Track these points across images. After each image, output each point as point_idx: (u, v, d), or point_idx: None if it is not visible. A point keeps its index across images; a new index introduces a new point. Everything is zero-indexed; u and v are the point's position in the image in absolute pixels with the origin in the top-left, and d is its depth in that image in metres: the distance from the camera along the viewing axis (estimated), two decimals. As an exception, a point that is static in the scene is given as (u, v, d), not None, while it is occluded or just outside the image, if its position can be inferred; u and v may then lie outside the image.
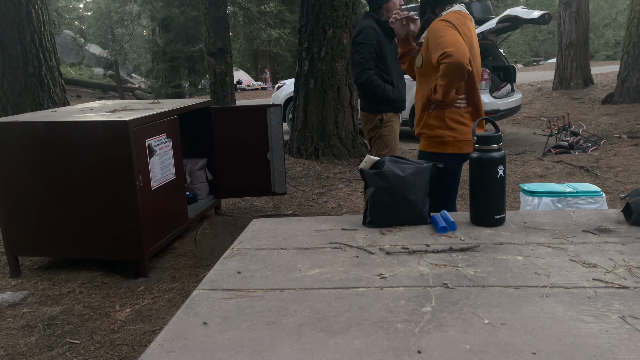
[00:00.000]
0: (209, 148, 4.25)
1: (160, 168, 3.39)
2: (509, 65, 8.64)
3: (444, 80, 2.31)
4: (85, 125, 3.12)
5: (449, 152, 2.49)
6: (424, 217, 1.83)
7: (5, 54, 6.23)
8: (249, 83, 24.08)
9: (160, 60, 18.80)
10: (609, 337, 1.08)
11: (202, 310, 1.28)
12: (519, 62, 30.43)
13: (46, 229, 3.28)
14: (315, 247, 1.66)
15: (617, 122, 8.64)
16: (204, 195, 4.31)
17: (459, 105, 2.46)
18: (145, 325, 2.72)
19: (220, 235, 4.03)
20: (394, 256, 1.56)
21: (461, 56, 2.23)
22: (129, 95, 21.03)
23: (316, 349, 1.08)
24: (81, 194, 3.19)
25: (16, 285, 3.27)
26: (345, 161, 6.34)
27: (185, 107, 3.80)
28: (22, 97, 6.35)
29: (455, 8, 2.45)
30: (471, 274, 1.41)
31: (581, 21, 12.45)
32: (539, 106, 11.37)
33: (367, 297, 1.30)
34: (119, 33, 24.11)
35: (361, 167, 1.87)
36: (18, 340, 2.61)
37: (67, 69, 21.20)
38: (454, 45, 2.24)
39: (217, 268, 1.54)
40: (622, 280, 1.33)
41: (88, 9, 28.54)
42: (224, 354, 1.08)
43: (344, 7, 6.06)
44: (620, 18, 26.64)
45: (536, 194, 2.82)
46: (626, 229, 1.71)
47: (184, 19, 17.18)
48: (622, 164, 5.91)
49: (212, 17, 7.88)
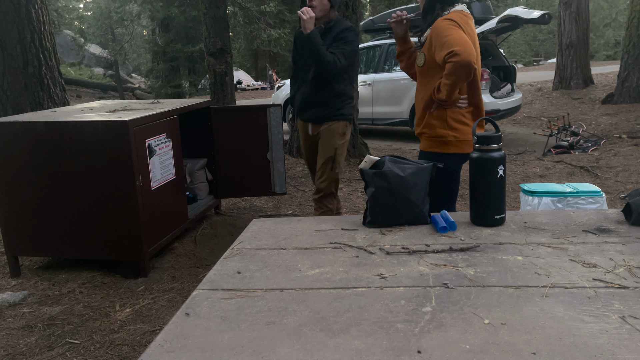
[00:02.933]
0: (209, 148, 4.25)
1: (160, 168, 3.39)
2: (509, 65, 8.64)
3: (449, 79, 2.29)
4: (85, 125, 3.12)
5: (451, 152, 2.48)
6: (424, 217, 1.83)
7: (5, 54, 6.23)
8: (249, 83, 24.06)
9: (160, 60, 18.80)
10: (609, 337, 1.07)
11: (202, 310, 1.28)
12: (519, 62, 30.44)
13: (46, 229, 3.28)
14: (315, 247, 1.66)
15: (617, 122, 8.64)
16: (204, 195, 4.31)
17: (460, 105, 2.45)
18: (145, 325, 2.72)
19: (220, 235, 4.03)
20: (394, 256, 1.56)
21: (468, 55, 2.21)
22: (129, 95, 21.04)
23: (316, 349, 1.08)
24: (81, 194, 3.19)
25: (16, 285, 3.27)
26: (345, 161, 6.33)
27: (185, 107, 3.80)
28: (22, 97, 6.34)
29: (458, 8, 2.45)
30: (471, 274, 1.41)
31: (581, 21, 12.45)
32: (539, 106, 11.37)
33: (367, 297, 1.30)
34: (119, 33, 24.08)
35: (361, 167, 1.87)
36: (18, 340, 2.61)
37: (67, 69, 21.21)
38: (461, 44, 2.22)
39: (217, 268, 1.54)
40: (622, 280, 1.33)
41: (88, 9, 28.55)
42: (224, 354, 1.08)
43: (343, 7, 6.06)
44: (620, 18, 26.65)
45: (536, 194, 2.82)
46: (626, 229, 1.71)
47: (184, 19, 17.18)
48: (622, 164, 5.91)
49: (212, 17, 7.88)
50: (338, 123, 3.19)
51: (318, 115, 3.20)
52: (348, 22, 3.15)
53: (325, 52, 2.99)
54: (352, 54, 3.08)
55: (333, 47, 3.03)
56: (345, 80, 3.17)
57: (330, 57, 2.99)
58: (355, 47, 3.11)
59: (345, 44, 3.04)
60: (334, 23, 3.11)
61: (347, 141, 3.27)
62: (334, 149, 3.19)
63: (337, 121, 3.19)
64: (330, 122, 3.18)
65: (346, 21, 3.16)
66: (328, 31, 3.09)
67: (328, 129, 3.19)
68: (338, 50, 3.02)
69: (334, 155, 3.20)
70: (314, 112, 3.21)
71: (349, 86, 3.22)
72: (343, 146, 3.24)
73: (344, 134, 3.22)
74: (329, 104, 3.16)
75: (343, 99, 3.18)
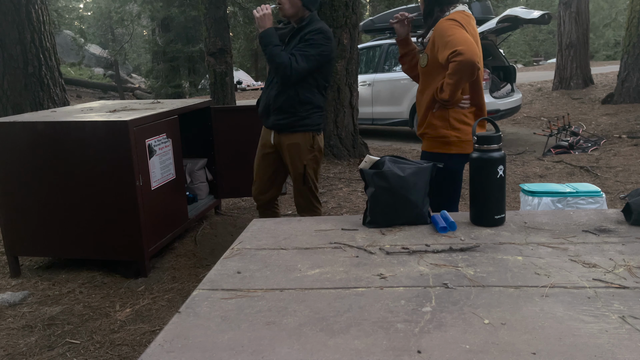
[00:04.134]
0: (209, 148, 4.25)
1: (160, 168, 3.39)
2: (509, 65, 8.64)
3: (452, 78, 2.29)
4: (85, 125, 3.12)
5: (453, 152, 2.48)
6: (424, 217, 1.83)
7: (5, 54, 6.24)
8: (249, 83, 24.05)
9: (160, 60, 18.79)
10: (609, 337, 1.07)
11: (202, 310, 1.28)
12: (519, 62, 30.42)
13: (46, 229, 3.29)
14: (315, 247, 1.66)
15: (617, 122, 8.64)
16: (204, 195, 4.31)
17: (463, 106, 2.45)
18: (145, 325, 2.72)
19: (220, 235, 4.03)
20: (394, 256, 1.56)
21: (472, 54, 2.21)
22: (129, 95, 21.03)
23: (316, 349, 1.08)
24: (81, 193, 3.19)
25: (16, 285, 3.27)
26: (345, 161, 6.33)
27: (185, 107, 3.80)
28: (22, 97, 6.35)
29: (460, 8, 2.45)
30: (471, 274, 1.41)
31: (581, 21, 12.45)
32: (539, 106, 11.37)
33: (367, 297, 1.30)
34: (119, 33, 24.08)
35: (361, 167, 1.87)
36: (18, 340, 2.61)
37: (67, 69, 21.20)
38: (464, 44, 2.22)
39: (217, 268, 1.54)
40: (622, 280, 1.33)
41: (88, 9, 28.53)
42: (224, 354, 1.08)
43: (343, 7, 6.06)
44: (620, 18, 26.64)
45: (536, 194, 2.82)
46: (626, 229, 1.71)
47: (184, 19, 17.17)
48: (622, 164, 5.91)
49: (212, 17, 7.88)
50: (303, 135, 2.92)
51: (279, 123, 2.93)
52: (320, 24, 2.86)
53: (279, 52, 2.77)
54: (317, 58, 2.79)
55: (296, 49, 2.80)
56: (311, 87, 2.88)
57: (285, 57, 2.75)
58: (324, 52, 2.82)
59: (309, 46, 2.78)
60: (306, 22, 2.86)
61: (318, 153, 3.01)
62: (302, 165, 2.96)
63: (301, 133, 2.92)
64: (292, 134, 2.93)
65: (320, 23, 2.88)
66: (299, 31, 2.87)
67: (293, 144, 2.94)
68: (299, 52, 2.77)
69: (304, 171, 2.98)
70: (274, 119, 2.94)
71: (318, 95, 2.93)
72: (313, 160, 3.00)
73: (311, 147, 2.95)
74: (292, 112, 2.89)
75: (307, 107, 2.89)
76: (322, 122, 3.03)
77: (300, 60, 2.76)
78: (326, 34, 2.84)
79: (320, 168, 3.12)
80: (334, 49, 2.90)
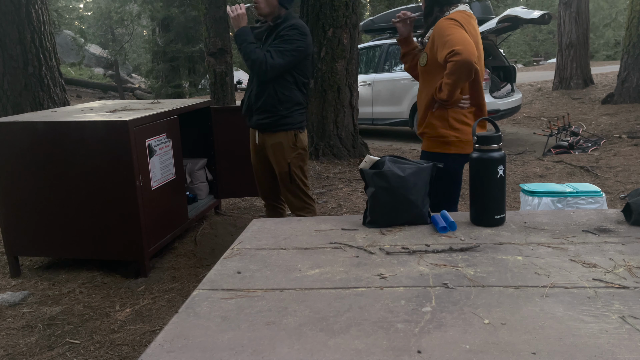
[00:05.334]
0: (209, 148, 4.25)
1: (160, 168, 3.39)
2: (509, 65, 8.65)
3: (450, 78, 2.29)
4: (85, 125, 3.12)
5: (452, 152, 2.48)
6: (424, 217, 1.83)
7: (5, 54, 6.23)
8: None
9: (160, 60, 18.78)
10: (609, 337, 1.07)
11: (202, 310, 1.28)
12: (519, 62, 30.40)
13: (46, 229, 3.29)
14: (315, 247, 1.66)
15: (617, 122, 8.64)
16: (204, 195, 4.31)
17: (462, 105, 2.45)
18: (145, 325, 2.72)
19: (220, 235, 4.03)
20: (394, 256, 1.56)
21: (470, 54, 2.21)
22: (129, 95, 21.02)
23: (316, 349, 1.08)
24: (81, 193, 3.19)
25: (16, 285, 3.27)
26: (345, 161, 6.34)
27: (185, 107, 3.80)
28: (22, 97, 6.35)
29: (461, 8, 2.45)
30: (471, 274, 1.41)
31: (581, 21, 12.45)
32: (539, 106, 11.37)
33: (367, 297, 1.30)
34: (119, 33, 24.07)
35: (361, 167, 1.87)
36: (18, 340, 2.61)
37: (67, 69, 21.19)
38: (462, 44, 2.22)
39: (217, 268, 1.54)
40: (622, 280, 1.33)
41: (88, 9, 28.52)
42: (224, 354, 1.08)
43: (344, 7, 6.06)
44: (620, 18, 26.62)
45: (536, 194, 2.82)
46: (626, 229, 1.71)
47: (184, 19, 17.17)
48: (622, 164, 5.91)
49: (212, 17, 7.88)
50: (285, 134, 2.95)
51: (261, 123, 2.96)
52: (295, 20, 2.88)
53: (253, 49, 2.77)
54: (293, 53, 2.80)
55: (271, 45, 2.81)
56: (290, 85, 2.89)
57: (260, 54, 2.75)
58: (300, 47, 2.82)
59: (284, 42, 2.79)
60: (282, 20, 2.87)
61: (302, 150, 3.02)
62: (287, 164, 2.98)
63: (283, 132, 2.94)
64: (275, 133, 2.95)
65: (295, 19, 2.89)
66: (275, 28, 2.88)
67: (275, 144, 2.97)
68: (274, 48, 2.78)
69: (288, 170, 2.99)
70: (257, 118, 2.97)
71: (297, 92, 2.93)
72: (298, 157, 3.01)
73: (294, 145, 2.97)
74: (273, 111, 2.91)
75: (288, 105, 2.91)
76: (304, 119, 3.05)
77: (276, 56, 2.77)
78: (301, 30, 2.85)
79: (306, 165, 3.14)
80: (309, 44, 2.89)
